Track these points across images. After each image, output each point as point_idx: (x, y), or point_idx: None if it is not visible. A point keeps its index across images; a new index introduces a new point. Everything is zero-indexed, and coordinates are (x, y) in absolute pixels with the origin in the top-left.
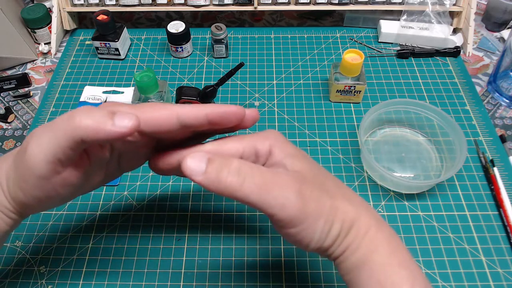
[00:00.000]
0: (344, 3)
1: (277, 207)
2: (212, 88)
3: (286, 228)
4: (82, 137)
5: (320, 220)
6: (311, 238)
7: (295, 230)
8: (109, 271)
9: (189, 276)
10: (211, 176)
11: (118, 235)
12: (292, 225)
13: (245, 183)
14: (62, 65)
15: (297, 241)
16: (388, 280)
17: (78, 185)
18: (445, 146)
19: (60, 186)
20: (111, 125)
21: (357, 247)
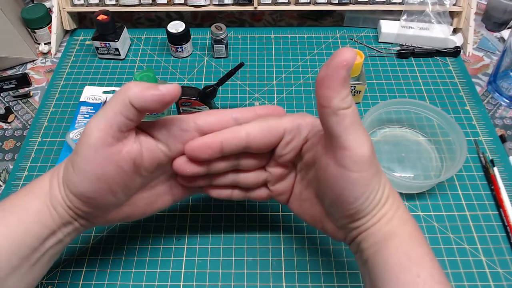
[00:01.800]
0: (344, 3)
1: (357, 144)
2: (212, 88)
3: (351, 168)
4: (130, 100)
5: (376, 177)
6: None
7: (358, 175)
8: (109, 271)
9: (189, 276)
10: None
11: (118, 235)
12: (359, 168)
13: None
14: (62, 65)
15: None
16: (413, 252)
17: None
18: (445, 146)
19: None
20: (154, 89)
21: (391, 219)
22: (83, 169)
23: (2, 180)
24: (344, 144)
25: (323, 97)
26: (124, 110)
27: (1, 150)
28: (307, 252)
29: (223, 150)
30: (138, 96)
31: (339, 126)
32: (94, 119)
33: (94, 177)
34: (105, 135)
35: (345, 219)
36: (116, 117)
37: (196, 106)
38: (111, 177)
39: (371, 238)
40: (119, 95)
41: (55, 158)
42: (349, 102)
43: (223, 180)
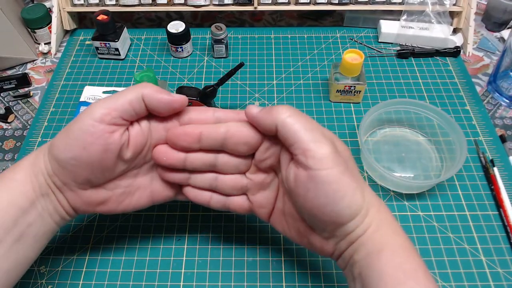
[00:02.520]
0: (344, 3)
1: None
2: (212, 88)
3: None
4: (144, 95)
5: (348, 176)
6: (337, 190)
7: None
8: (109, 271)
9: (189, 276)
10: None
11: (118, 235)
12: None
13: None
14: (62, 65)
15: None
16: (407, 265)
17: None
18: (445, 146)
19: (96, 137)
20: (167, 94)
21: (379, 227)
22: (76, 135)
23: None
24: (302, 146)
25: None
26: (135, 101)
27: (1, 150)
28: (307, 252)
29: (201, 141)
30: (152, 94)
31: (294, 132)
32: (103, 100)
33: (81, 145)
34: (107, 114)
35: (329, 226)
36: (124, 104)
37: (196, 106)
38: (95, 152)
39: (363, 249)
40: (135, 88)
41: None
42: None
43: (200, 179)
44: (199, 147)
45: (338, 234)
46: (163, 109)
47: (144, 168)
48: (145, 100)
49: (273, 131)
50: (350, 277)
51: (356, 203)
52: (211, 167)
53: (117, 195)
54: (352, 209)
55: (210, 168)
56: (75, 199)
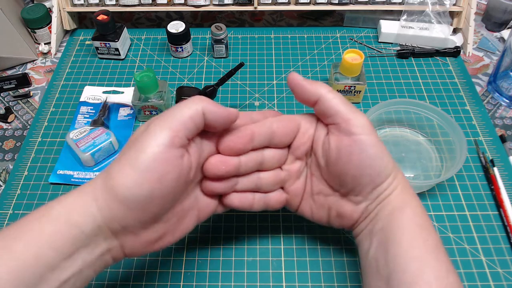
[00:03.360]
0: (344, 3)
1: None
2: (212, 88)
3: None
4: (204, 110)
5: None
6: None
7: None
8: (109, 271)
9: (189, 276)
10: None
11: None
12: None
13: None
14: (62, 65)
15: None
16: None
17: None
18: (445, 146)
19: (173, 164)
20: (224, 108)
21: (402, 189)
22: (148, 166)
23: (2, 180)
24: (346, 116)
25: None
26: (196, 117)
27: (1, 150)
28: (307, 252)
29: (253, 141)
30: (212, 109)
31: (335, 105)
32: (161, 119)
33: (156, 177)
34: (175, 135)
35: (367, 187)
36: (187, 122)
37: None
38: (170, 182)
39: (389, 206)
40: (194, 102)
41: (55, 158)
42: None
43: (247, 182)
44: (252, 147)
45: (371, 196)
46: (221, 124)
47: (189, 188)
48: (206, 115)
49: (312, 101)
50: (366, 236)
51: (390, 164)
52: (260, 165)
53: (173, 224)
54: (388, 169)
55: (258, 167)
56: (133, 242)
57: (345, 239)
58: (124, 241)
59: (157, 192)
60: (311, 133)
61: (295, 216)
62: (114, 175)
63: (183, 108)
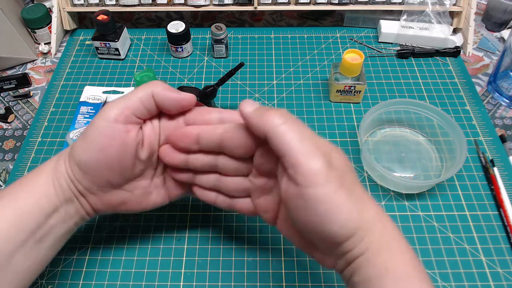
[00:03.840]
0: (344, 3)
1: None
2: (212, 88)
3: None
4: (154, 93)
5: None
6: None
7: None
8: (109, 271)
9: (189, 276)
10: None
11: (118, 235)
12: (313, 182)
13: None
14: (62, 65)
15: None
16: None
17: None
18: (445, 146)
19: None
20: (177, 93)
21: (380, 249)
22: (92, 137)
23: (2, 180)
24: (295, 160)
25: (259, 130)
26: (145, 99)
27: (1, 150)
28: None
29: (199, 142)
30: (161, 92)
31: (286, 143)
32: (115, 100)
33: (99, 147)
34: (120, 113)
35: (324, 244)
36: (135, 102)
37: (197, 106)
38: (113, 153)
39: (363, 272)
40: (145, 86)
41: None
42: (281, 119)
43: (205, 179)
44: (199, 148)
45: (334, 252)
46: (172, 107)
47: (160, 168)
48: (155, 97)
49: (263, 137)
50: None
51: (350, 223)
52: (213, 168)
53: (136, 195)
54: (346, 229)
55: (212, 169)
56: (97, 202)
57: None
58: (90, 200)
59: (101, 160)
60: (271, 157)
61: None
62: (73, 144)
63: (135, 91)
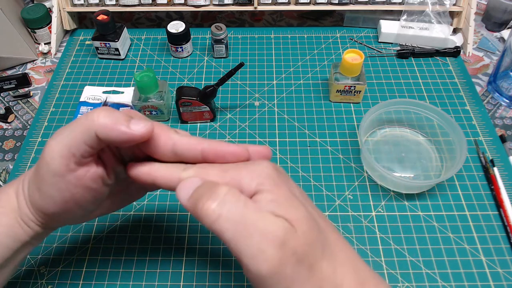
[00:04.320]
0: (344, 3)
1: (249, 257)
2: (212, 88)
3: (254, 284)
4: (97, 132)
5: (303, 276)
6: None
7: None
8: (109, 271)
9: (189, 276)
10: (193, 199)
11: (118, 235)
12: (261, 285)
13: (222, 217)
14: (62, 65)
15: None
16: None
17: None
18: (445, 146)
19: (74, 187)
20: (125, 127)
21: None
22: (50, 195)
23: (2, 180)
24: (239, 257)
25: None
26: (88, 140)
27: (1, 150)
28: None
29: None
30: (106, 129)
31: (225, 241)
32: (55, 142)
33: (62, 201)
34: (68, 162)
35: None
36: (80, 146)
37: (196, 106)
38: (80, 197)
39: None
40: (85, 122)
41: None
42: (215, 213)
43: None
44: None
45: None
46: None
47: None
48: (99, 136)
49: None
50: None
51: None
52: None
53: (113, 207)
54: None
55: None
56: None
57: (345, 238)
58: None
59: (69, 208)
60: None
61: None
62: (30, 194)
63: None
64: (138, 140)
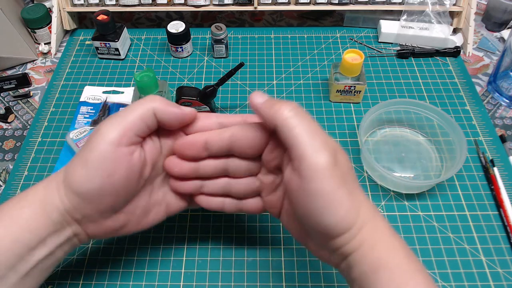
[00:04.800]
0: (344, 3)
1: (311, 152)
2: (212, 88)
3: (309, 179)
4: (155, 110)
5: (343, 191)
6: (328, 205)
7: (317, 186)
8: (109, 271)
9: (189, 276)
10: (269, 102)
11: None
12: (317, 178)
13: (296, 116)
14: (62, 65)
15: (313, 204)
16: (405, 286)
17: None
18: (445, 146)
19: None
20: (178, 108)
21: (375, 244)
22: (97, 164)
23: (2, 180)
24: (299, 153)
25: (269, 121)
26: (147, 117)
27: (1, 150)
28: (307, 252)
29: (208, 149)
30: (163, 109)
31: (295, 135)
32: (112, 119)
33: (105, 174)
34: (123, 135)
35: (319, 237)
36: (137, 121)
37: (196, 106)
38: (120, 178)
39: (358, 268)
40: (144, 102)
41: (55, 158)
42: (291, 112)
43: (213, 186)
44: (208, 154)
45: (329, 247)
46: (175, 123)
47: (157, 183)
48: (157, 115)
49: (273, 128)
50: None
51: (347, 220)
52: (224, 172)
53: (136, 216)
54: (342, 225)
55: (223, 173)
56: (94, 229)
57: None
58: (86, 228)
59: (107, 187)
60: (280, 153)
61: None
62: (70, 172)
63: (134, 108)
64: (187, 120)
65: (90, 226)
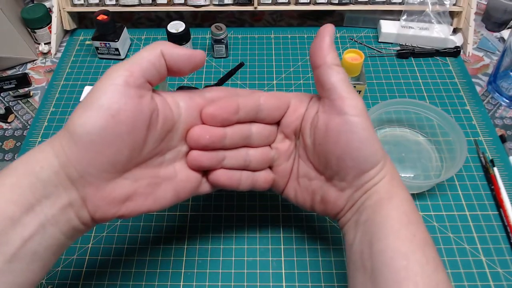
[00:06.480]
0: (344, 3)
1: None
2: None
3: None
4: (163, 50)
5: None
6: (367, 137)
7: (359, 119)
8: (109, 271)
9: (189, 276)
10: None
11: (118, 235)
12: (359, 112)
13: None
14: (62, 65)
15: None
16: (412, 214)
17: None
18: (445, 146)
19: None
20: (186, 50)
21: (391, 179)
22: (99, 102)
23: None
24: (342, 93)
25: (319, 56)
26: (155, 59)
27: (1, 150)
28: (307, 252)
29: (238, 112)
30: (171, 50)
31: (335, 79)
32: (119, 64)
33: (109, 113)
34: (129, 75)
35: (352, 173)
36: (145, 63)
37: None
38: (125, 119)
39: (376, 195)
40: (152, 46)
41: None
42: (339, 63)
43: (236, 156)
44: (237, 119)
45: (356, 183)
46: (184, 65)
47: (168, 157)
48: (165, 56)
49: (315, 64)
50: (351, 228)
51: (380, 152)
52: (247, 140)
53: (143, 187)
54: (377, 156)
55: (245, 142)
56: (94, 196)
57: None
58: (85, 194)
59: (110, 129)
60: (301, 112)
61: (295, 216)
62: (72, 116)
63: (141, 52)
64: (197, 61)
65: (89, 192)
